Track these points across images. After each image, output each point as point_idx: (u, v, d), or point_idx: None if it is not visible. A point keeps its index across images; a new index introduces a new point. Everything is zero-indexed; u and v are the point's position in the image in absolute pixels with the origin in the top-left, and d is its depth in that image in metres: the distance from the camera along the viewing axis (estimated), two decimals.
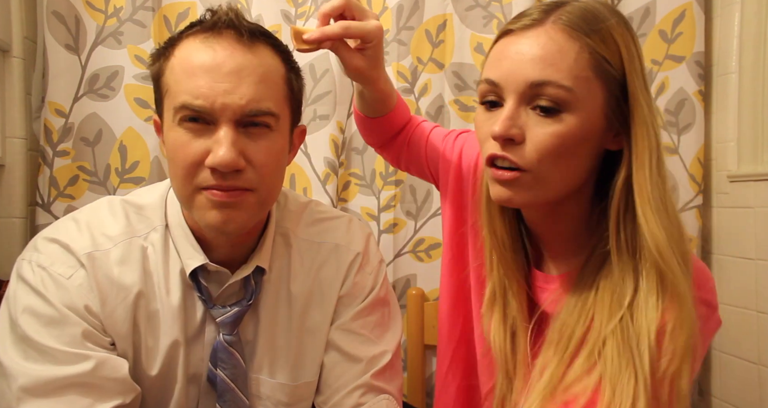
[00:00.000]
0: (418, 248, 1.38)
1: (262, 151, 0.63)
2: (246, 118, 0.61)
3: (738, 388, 1.22)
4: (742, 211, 1.22)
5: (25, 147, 1.26)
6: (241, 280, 0.71)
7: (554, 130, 0.58)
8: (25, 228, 1.25)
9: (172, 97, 0.62)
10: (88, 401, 0.59)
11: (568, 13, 0.59)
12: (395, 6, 1.36)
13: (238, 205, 0.62)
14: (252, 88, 0.61)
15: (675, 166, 1.31)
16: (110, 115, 1.29)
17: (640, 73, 0.60)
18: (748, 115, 1.22)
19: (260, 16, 1.34)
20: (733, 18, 1.25)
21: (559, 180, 0.61)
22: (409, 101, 1.38)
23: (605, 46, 0.58)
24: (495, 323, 0.71)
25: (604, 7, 0.61)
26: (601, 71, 0.58)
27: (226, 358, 0.69)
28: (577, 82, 0.57)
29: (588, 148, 0.61)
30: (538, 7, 0.62)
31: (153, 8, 1.31)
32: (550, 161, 0.59)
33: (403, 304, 1.35)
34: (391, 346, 0.76)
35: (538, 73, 0.57)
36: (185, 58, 0.62)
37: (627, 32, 0.60)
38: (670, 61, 1.31)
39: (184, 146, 0.61)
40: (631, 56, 0.59)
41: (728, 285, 1.26)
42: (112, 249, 0.66)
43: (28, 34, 1.27)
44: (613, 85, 0.59)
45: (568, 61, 0.57)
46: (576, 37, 0.58)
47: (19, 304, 0.62)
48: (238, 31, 0.62)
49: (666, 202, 0.59)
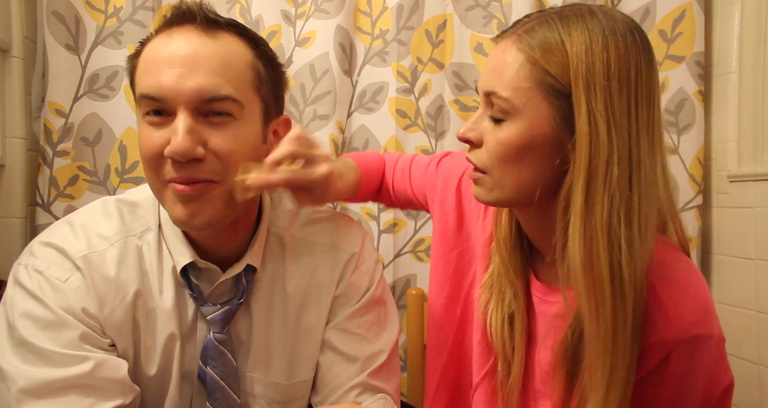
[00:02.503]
0: (418, 248, 1.38)
1: (226, 141, 0.61)
2: (204, 104, 0.60)
3: (738, 388, 1.22)
4: (742, 211, 1.22)
5: (25, 147, 1.26)
6: (232, 279, 0.70)
7: (499, 138, 0.61)
8: (25, 228, 1.25)
9: (137, 90, 0.63)
10: (89, 401, 0.59)
11: (528, 25, 0.60)
12: (395, 6, 1.36)
13: (202, 199, 0.61)
14: (208, 73, 0.60)
15: (675, 166, 1.31)
16: (110, 115, 1.29)
17: (601, 83, 0.56)
18: (748, 115, 1.22)
19: (260, 16, 1.34)
20: (733, 18, 1.25)
21: (515, 184, 0.62)
22: (409, 101, 1.38)
23: (548, 58, 0.57)
24: (492, 307, 0.72)
25: (581, 18, 0.58)
26: (541, 82, 0.58)
27: (216, 356, 0.69)
28: (516, 93, 0.59)
29: (539, 158, 0.60)
30: (523, 17, 0.63)
31: (153, 8, 1.31)
32: (502, 166, 0.61)
33: (403, 304, 1.35)
34: (388, 345, 0.76)
35: (487, 84, 0.62)
36: (148, 53, 0.63)
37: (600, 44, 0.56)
38: (670, 61, 1.31)
39: (147, 139, 0.61)
40: (582, 67, 0.56)
41: (728, 285, 1.26)
42: (109, 249, 0.66)
43: (28, 34, 1.27)
44: (558, 98, 0.58)
45: (510, 72, 0.59)
46: (521, 50, 0.59)
47: (16, 309, 0.61)
48: (198, 20, 0.62)
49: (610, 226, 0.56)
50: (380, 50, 1.38)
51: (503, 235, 0.71)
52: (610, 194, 0.56)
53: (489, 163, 0.62)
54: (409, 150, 1.39)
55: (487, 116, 0.63)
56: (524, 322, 0.70)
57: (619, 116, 0.56)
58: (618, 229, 0.56)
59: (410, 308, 1.27)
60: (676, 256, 0.63)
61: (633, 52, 0.57)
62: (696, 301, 0.59)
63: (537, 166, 0.61)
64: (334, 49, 1.34)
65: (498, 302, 0.71)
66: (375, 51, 1.39)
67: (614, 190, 0.56)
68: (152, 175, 0.62)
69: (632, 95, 0.57)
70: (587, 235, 0.56)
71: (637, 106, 0.57)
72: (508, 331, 0.70)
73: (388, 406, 0.72)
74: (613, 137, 0.56)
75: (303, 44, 1.36)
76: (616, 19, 0.58)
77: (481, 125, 0.64)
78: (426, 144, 1.38)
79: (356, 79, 1.39)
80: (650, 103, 0.58)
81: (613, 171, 0.56)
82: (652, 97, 0.58)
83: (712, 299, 0.61)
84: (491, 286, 0.73)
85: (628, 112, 0.56)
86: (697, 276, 0.62)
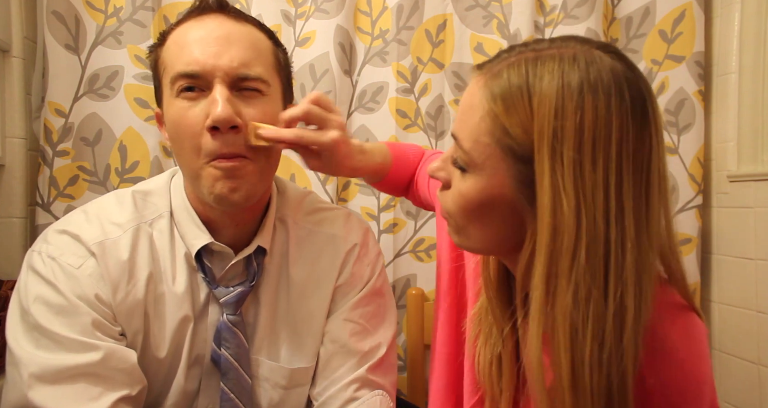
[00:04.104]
0: (418, 248, 1.38)
1: (257, 113, 0.65)
2: (238, 80, 0.64)
3: (738, 388, 1.22)
4: (742, 211, 1.22)
5: (25, 147, 1.25)
6: (243, 262, 0.73)
7: (461, 189, 0.54)
8: (25, 228, 1.25)
9: (168, 72, 0.66)
10: (98, 390, 0.60)
11: (498, 67, 0.51)
12: (395, 6, 1.36)
13: (239, 174, 0.64)
14: (241, 51, 0.65)
15: (675, 166, 1.31)
16: (110, 115, 1.29)
17: (561, 157, 0.46)
18: (748, 115, 1.22)
19: (260, 16, 1.34)
20: (733, 18, 1.25)
21: (478, 236, 0.56)
22: (409, 101, 1.38)
23: (509, 115, 0.49)
24: (480, 344, 0.67)
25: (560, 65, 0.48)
26: (500, 142, 0.50)
27: (229, 337, 0.71)
28: (476, 147, 0.51)
29: (502, 217, 0.53)
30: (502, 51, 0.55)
31: (153, 8, 1.31)
32: (464, 216, 0.55)
33: (403, 304, 1.35)
34: (386, 338, 0.77)
35: (456, 126, 0.55)
36: (178, 37, 0.67)
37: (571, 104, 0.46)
38: (670, 61, 1.31)
39: (184, 114, 0.64)
40: (549, 134, 0.47)
41: (728, 285, 1.26)
42: (122, 235, 0.68)
43: (28, 34, 1.27)
44: (518, 162, 0.49)
45: (472, 121, 0.52)
46: (486, 99, 0.51)
47: (30, 294, 0.63)
48: (226, 10, 0.68)
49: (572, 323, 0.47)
50: (380, 50, 1.38)
51: (489, 274, 0.64)
52: (575, 285, 0.47)
53: (453, 210, 0.57)
54: None
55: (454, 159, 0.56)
56: (512, 364, 0.63)
57: (591, 192, 0.46)
58: (584, 330, 0.47)
59: (410, 308, 1.27)
60: (670, 318, 0.53)
61: (617, 112, 0.47)
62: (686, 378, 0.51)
63: (498, 225, 0.54)
64: (334, 49, 1.34)
65: (486, 340, 0.65)
66: (375, 51, 1.39)
67: (579, 280, 0.47)
68: (191, 155, 0.65)
69: (612, 166, 0.47)
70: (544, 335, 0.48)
71: (619, 178, 0.47)
72: (497, 372, 0.64)
73: (384, 403, 0.73)
74: (582, 218, 0.46)
75: (303, 44, 1.36)
76: (603, 69, 0.48)
77: (449, 166, 0.58)
78: (426, 144, 1.38)
79: (356, 79, 1.39)
80: (642, 171, 0.48)
81: (580, 258, 0.46)
82: (645, 164, 0.48)
83: (708, 369, 0.52)
84: (480, 322, 0.67)
85: (605, 187, 0.47)
86: (694, 341, 0.52)
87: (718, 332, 1.29)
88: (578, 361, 0.47)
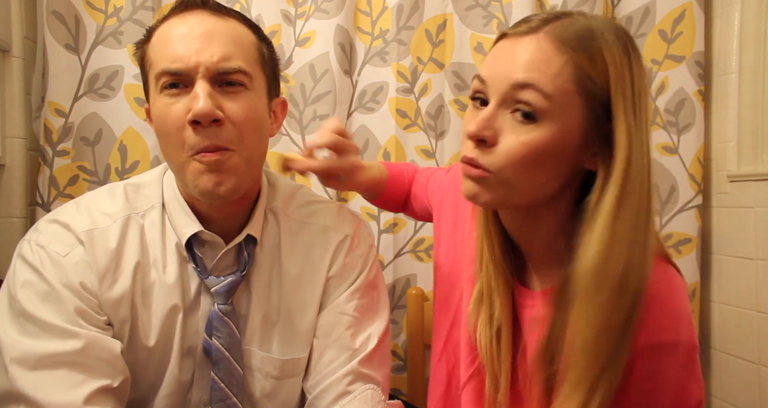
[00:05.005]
0: (418, 248, 1.39)
1: (240, 108, 0.66)
2: (219, 75, 0.65)
3: (738, 388, 1.22)
4: (742, 211, 1.22)
5: (25, 147, 1.26)
6: (234, 252, 0.73)
7: (526, 139, 0.57)
8: (25, 228, 1.25)
9: (153, 68, 0.67)
10: (79, 378, 0.60)
11: (562, 26, 0.58)
12: (395, 6, 1.36)
13: (224, 167, 0.65)
14: (222, 46, 0.65)
15: (675, 166, 1.31)
16: (110, 115, 1.29)
17: (630, 97, 0.57)
18: (748, 115, 1.22)
19: (260, 16, 1.34)
20: (733, 18, 1.25)
21: (524, 189, 0.60)
22: (409, 101, 1.38)
23: (591, 64, 0.56)
24: (481, 323, 0.71)
25: (606, 26, 0.59)
26: (583, 88, 0.56)
27: (221, 327, 0.71)
28: (558, 92, 0.56)
29: (560, 164, 0.59)
30: (539, 15, 0.61)
31: (153, 8, 1.31)
32: (517, 169, 0.58)
33: (403, 304, 1.35)
34: (379, 330, 0.77)
35: (522, 75, 0.57)
36: (162, 33, 0.68)
37: (624, 56, 0.58)
38: (670, 60, 1.31)
39: (168, 110, 0.65)
40: (620, 79, 0.57)
41: (728, 285, 1.26)
42: (112, 225, 0.69)
43: (28, 34, 1.27)
44: (595, 104, 0.57)
45: (552, 70, 0.56)
46: (563, 51, 0.56)
47: (17, 280, 0.64)
48: (207, 5, 0.69)
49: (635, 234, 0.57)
50: (380, 50, 1.38)
51: (494, 249, 0.70)
52: (639, 204, 0.57)
53: (503, 164, 0.58)
54: (409, 150, 1.39)
55: (505, 113, 0.59)
56: (509, 333, 0.68)
57: (645, 130, 0.58)
58: (642, 239, 0.57)
59: (410, 308, 1.27)
60: (658, 267, 0.61)
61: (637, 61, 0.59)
62: (664, 309, 0.58)
63: (556, 171, 0.60)
64: (334, 49, 1.34)
65: (487, 320, 0.70)
66: (375, 51, 1.39)
67: (644, 201, 0.57)
68: (175, 150, 0.65)
69: (645, 108, 0.59)
70: (608, 242, 0.56)
71: (646, 119, 0.59)
72: (496, 347, 0.69)
73: (375, 396, 0.73)
74: (644, 150, 0.57)
75: (303, 44, 1.36)
76: (618, 32, 0.59)
77: (496, 123, 0.59)
78: (426, 144, 1.39)
79: (356, 78, 1.39)
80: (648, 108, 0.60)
81: (644, 183, 0.57)
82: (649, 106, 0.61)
83: (686, 308, 0.60)
84: (479, 304, 0.72)
85: (646, 125, 0.58)
86: (674, 287, 0.61)
87: (718, 332, 1.29)
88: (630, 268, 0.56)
